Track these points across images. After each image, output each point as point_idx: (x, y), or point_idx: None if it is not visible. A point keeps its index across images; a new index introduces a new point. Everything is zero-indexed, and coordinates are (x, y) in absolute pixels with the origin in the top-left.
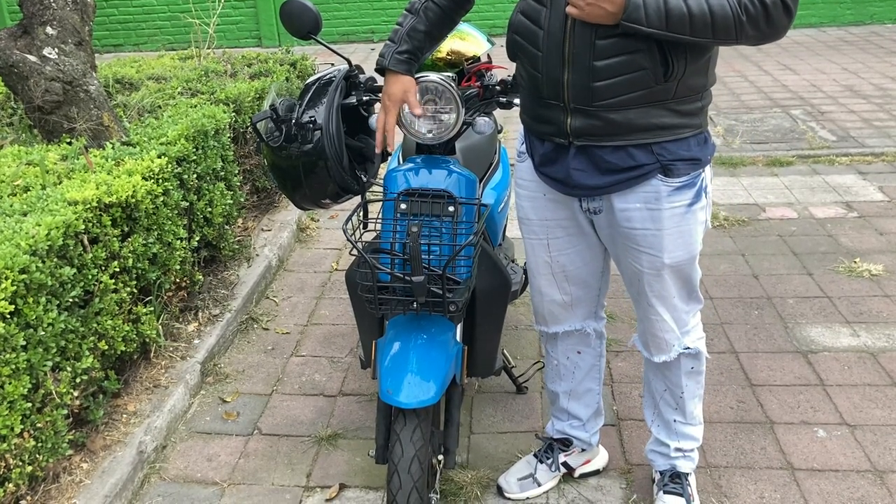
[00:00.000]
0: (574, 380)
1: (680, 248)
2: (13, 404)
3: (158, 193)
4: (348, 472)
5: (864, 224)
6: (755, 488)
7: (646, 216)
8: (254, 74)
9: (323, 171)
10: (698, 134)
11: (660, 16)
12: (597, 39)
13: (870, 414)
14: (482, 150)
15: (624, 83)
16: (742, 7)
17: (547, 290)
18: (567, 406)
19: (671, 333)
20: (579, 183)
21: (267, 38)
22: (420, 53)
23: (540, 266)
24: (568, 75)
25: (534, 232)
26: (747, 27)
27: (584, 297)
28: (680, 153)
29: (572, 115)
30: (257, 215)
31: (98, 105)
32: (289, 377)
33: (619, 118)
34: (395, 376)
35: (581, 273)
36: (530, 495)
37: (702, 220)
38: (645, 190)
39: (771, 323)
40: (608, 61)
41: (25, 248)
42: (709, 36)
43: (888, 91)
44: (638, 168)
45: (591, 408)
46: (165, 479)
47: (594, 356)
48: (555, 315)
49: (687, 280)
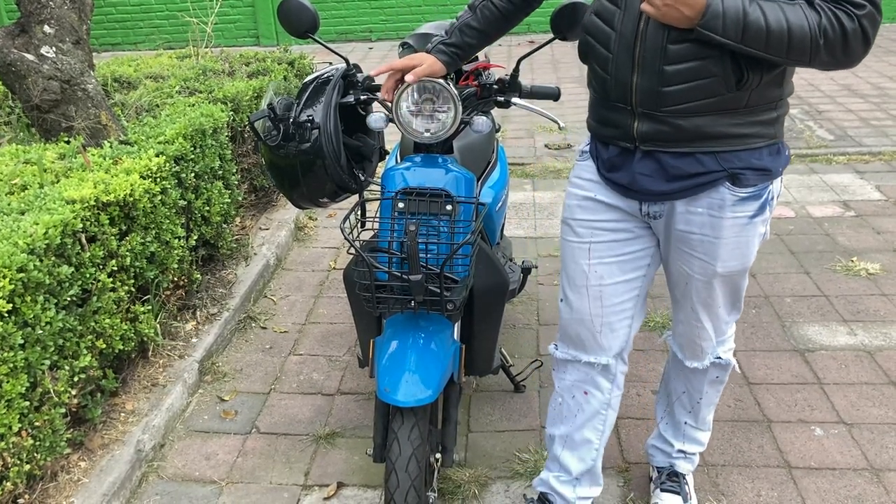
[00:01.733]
0: (573, 424)
1: (735, 258)
2: (11, 403)
3: (156, 192)
4: (346, 471)
5: (861, 223)
6: (752, 487)
7: (706, 222)
8: (252, 73)
9: (321, 169)
10: (772, 144)
11: (737, 28)
12: (668, 43)
13: (867, 412)
14: (480, 148)
15: (694, 89)
16: (822, 30)
17: (577, 304)
18: (559, 454)
19: (709, 343)
20: (644, 188)
21: (265, 37)
22: (469, 49)
23: (577, 276)
24: (637, 78)
25: (576, 234)
26: (823, 52)
27: (615, 322)
28: (751, 162)
29: (639, 119)
30: (255, 214)
31: (96, 104)
32: (287, 376)
33: (687, 125)
34: (392, 375)
35: (617, 290)
36: None
37: (761, 232)
38: (710, 197)
39: (768, 322)
40: (678, 66)
41: (23, 247)
42: (782, 55)
43: (886, 90)
44: (705, 175)
45: (585, 464)
46: (163, 478)
47: (601, 403)
48: (580, 339)
49: (735, 290)
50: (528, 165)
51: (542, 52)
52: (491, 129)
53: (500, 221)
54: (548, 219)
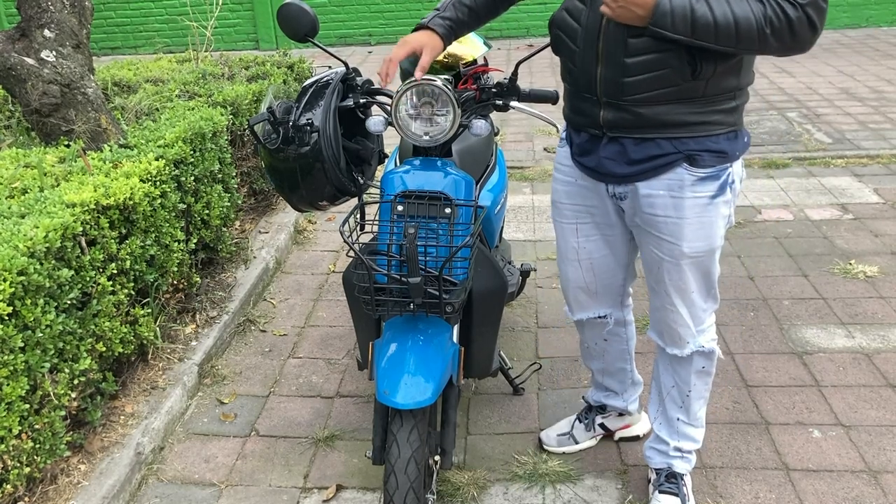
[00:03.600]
0: (605, 360)
1: (700, 238)
2: (11, 406)
3: (156, 196)
4: (345, 473)
5: (859, 226)
6: (750, 489)
7: (668, 203)
8: (251, 77)
9: (320, 172)
10: (730, 132)
11: (685, 23)
12: (628, 37)
13: (864, 414)
14: (479, 152)
15: (653, 80)
16: (767, 20)
17: (573, 275)
18: (602, 380)
19: (686, 329)
20: (608, 171)
21: (264, 41)
22: (460, 26)
23: (568, 251)
24: (601, 70)
25: (565, 216)
26: (771, 39)
27: (609, 286)
28: (707, 145)
29: (605, 108)
30: (255, 217)
31: (96, 107)
32: (286, 379)
33: (648, 112)
34: (391, 377)
35: (607, 262)
36: (567, 450)
37: (724, 214)
38: (669, 178)
39: (766, 324)
40: (638, 58)
41: (23, 250)
42: (732, 45)
43: (884, 93)
44: (663, 157)
45: (625, 382)
46: (163, 481)
47: (622, 341)
48: (580, 302)
49: (706, 274)
50: (527, 169)
51: (540, 55)
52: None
53: (498, 224)
54: (547, 222)
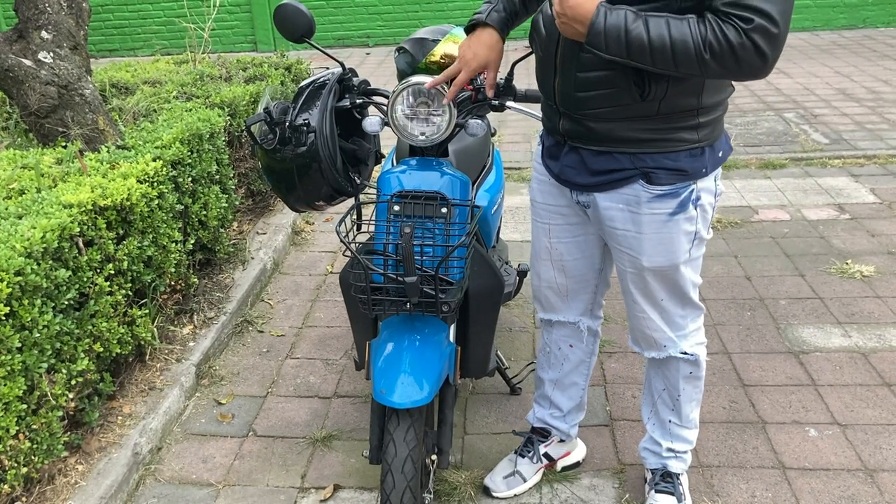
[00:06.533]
0: (562, 371)
1: (660, 254)
2: (8, 406)
3: (153, 196)
4: (343, 473)
5: (855, 226)
6: (747, 487)
7: (626, 217)
8: (249, 78)
9: (317, 173)
10: (693, 149)
11: (619, 44)
12: (581, 52)
13: (861, 413)
14: (475, 152)
15: (603, 97)
16: (706, 44)
17: (545, 274)
18: (551, 394)
19: (660, 333)
20: (569, 179)
21: (262, 42)
22: (514, 19)
23: (541, 251)
24: (558, 81)
25: (539, 215)
26: (712, 64)
27: (581, 290)
28: (664, 163)
29: (563, 118)
30: (252, 218)
31: (93, 109)
32: (283, 379)
33: (600, 128)
34: (388, 377)
35: (578, 266)
36: (517, 491)
37: (688, 230)
38: (626, 192)
39: (763, 324)
40: (589, 74)
41: (21, 251)
42: (671, 68)
43: (880, 94)
44: (620, 171)
45: (574, 401)
46: (161, 481)
47: (585, 353)
48: (550, 302)
49: (674, 285)
50: (524, 170)
51: None
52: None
53: (495, 224)
54: None
